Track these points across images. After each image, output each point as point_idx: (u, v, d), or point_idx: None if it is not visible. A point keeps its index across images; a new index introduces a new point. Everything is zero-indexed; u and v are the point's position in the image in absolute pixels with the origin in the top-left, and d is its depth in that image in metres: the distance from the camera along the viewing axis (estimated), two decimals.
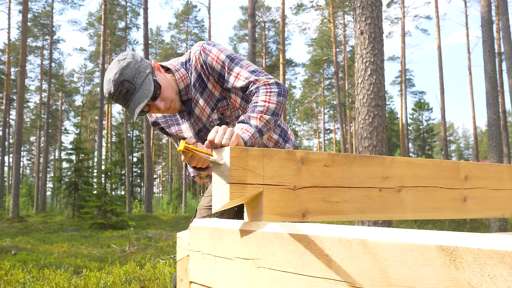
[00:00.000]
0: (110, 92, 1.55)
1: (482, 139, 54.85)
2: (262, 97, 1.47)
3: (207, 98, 1.70)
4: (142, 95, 1.53)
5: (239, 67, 1.60)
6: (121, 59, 1.58)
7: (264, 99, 1.47)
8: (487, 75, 12.08)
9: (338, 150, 37.43)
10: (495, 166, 1.77)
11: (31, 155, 49.11)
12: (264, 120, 1.42)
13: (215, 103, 1.71)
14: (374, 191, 1.40)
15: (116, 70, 1.54)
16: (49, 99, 30.38)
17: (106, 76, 1.57)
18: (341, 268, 0.85)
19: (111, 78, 1.54)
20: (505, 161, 15.81)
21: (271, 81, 1.54)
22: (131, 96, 1.54)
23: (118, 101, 1.57)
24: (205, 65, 1.65)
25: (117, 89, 1.53)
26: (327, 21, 29.91)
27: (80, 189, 15.44)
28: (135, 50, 34.43)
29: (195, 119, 1.75)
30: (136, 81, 1.54)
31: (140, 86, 1.54)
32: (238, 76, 1.59)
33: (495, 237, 0.62)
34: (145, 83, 1.55)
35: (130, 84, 1.53)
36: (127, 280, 4.39)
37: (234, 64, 1.61)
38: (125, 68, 1.54)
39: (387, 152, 5.74)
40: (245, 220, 1.24)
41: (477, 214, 1.69)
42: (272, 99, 1.48)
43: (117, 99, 1.56)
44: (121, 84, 1.53)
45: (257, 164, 1.19)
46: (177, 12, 35.09)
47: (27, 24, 17.96)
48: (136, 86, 1.54)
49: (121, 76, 1.53)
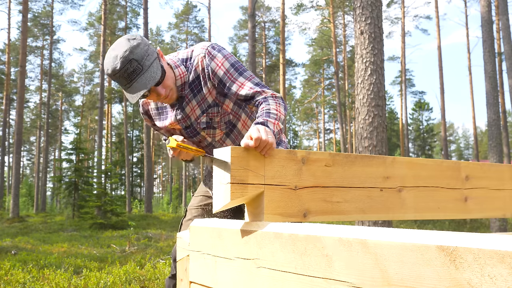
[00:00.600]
0: (115, 69, 1.52)
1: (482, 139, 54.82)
2: (274, 106, 1.51)
3: (200, 100, 1.73)
4: (149, 77, 1.54)
5: (243, 78, 1.64)
6: (131, 38, 1.57)
7: (276, 108, 1.50)
8: (487, 75, 12.08)
9: (338, 150, 37.42)
10: (496, 166, 1.77)
11: (31, 155, 49.10)
12: (279, 128, 1.45)
13: (206, 107, 1.73)
14: (375, 191, 1.40)
15: (127, 48, 1.52)
16: (49, 99, 30.38)
17: (112, 52, 1.54)
18: (341, 268, 0.85)
19: (119, 55, 1.52)
20: (505, 161, 15.81)
21: (278, 95, 1.59)
22: (137, 76, 1.53)
23: (121, 79, 1.54)
24: (207, 69, 1.66)
25: (123, 66, 1.51)
26: (327, 21, 29.90)
27: (80, 189, 15.44)
28: None
29: (185, 116, 1.77)
30: (144, 63, 1.54)
31: (147, 68, 1.54)
32: (241, 86, 1.62)
33: (495, 237, 0.62)
34: (152, 66, 1.56)
35: (138, 64, 1.53)
36: (127, 280, 4.39)
37: (238, 74, 1.64)
38: (136, 48, 1.53)
39: (387, 152, 5.74)
40: (246, 220, 1.24)
41: (478, 214, 1.69)
42: (281, 111, 1.52)
43: (120, 76, 1.53)
44: (129, 63, 1.52)
45: (258, 164, 1.19)
46: (177, 12, 35.10)
47: (27, 24, 17.96)
48: (143, 67, 1.54)
49: (130, 55, 1.52)
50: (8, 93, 26.63)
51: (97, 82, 36.93)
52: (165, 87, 1.62)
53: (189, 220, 1.88)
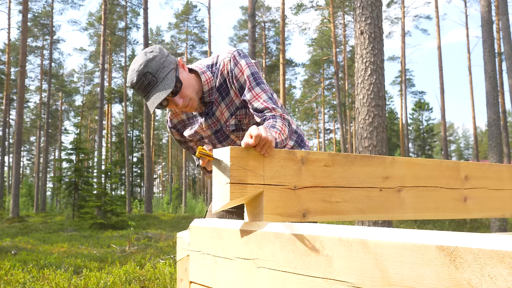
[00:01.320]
0: (133, 82, 1.60)
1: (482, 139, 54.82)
2: (280, 124, 1.58)
3: (228, 103, 1.77)
4: (163, 88, 1.58)
5: (259, 88, 1.70)
6: (148, 52, 1.64)
7: (281, 126, 1.57)
8: (487, 75, 12.08)
9: (338, 150, 37.43)
10: (495, 166, 1.77)
11: (31, 155, 49.09)
12: (281, 138, 1.51)
13: (234, 110, 1.78)
14: (374, 191, 1.40)
15: (142, 61, 1.59)
16: (49, 99, 30.37)
17: (132, 66, 1.63)
18: (341, 268, 0.85)
19: (135, 68, 1.60)
20: (505, 161, 15.81)
21: (287, 117, 1.67)
22: (152, 88, 1.60)
23: (139, 91, 1.62)
24: (231, 73, 1.72)
25: (139, 79, 1.59)
26: (327, 21, 29.90)
27: (80, 189, 15.44)
28: (135, 50, 34.45)
29: (215, 120, 1.80)
30: (159, 75, 1.59)
31: (162, 80, 1.59)
32: (256, 97, 1.68)
33: (495, 237, 0.62)
34: (167, 78, 1.60)
35: (152, 77, 1.59)
36: (127, 280, 4.39)
37: (256, 84, 1.70)
38: (151, 61, 1.60)
39: (387, 152, 5.74)
40: (246, 220, 1.24)
41: (478, 214, 1.69)
42: (286, 131, 1.59)
43: (138, 89, 1.61)
44: (144, 76, 1.59)
45: (258, 164, 1.19)
46: (177, 12, 35.11)
47: (27, 24, 17.96)
48: (158, 79, 1.59)
49: (145, 68, 1.58)
50: (8, 93, 26.63)
51: (97, 82, 36.94)
52: (183, 96, 1.66)
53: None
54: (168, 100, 1.64)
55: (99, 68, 27.96)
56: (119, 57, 34.92)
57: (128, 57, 32.50)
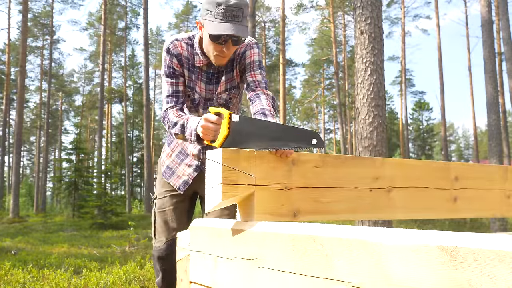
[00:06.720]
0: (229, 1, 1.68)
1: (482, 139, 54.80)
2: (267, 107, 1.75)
3: (229, 78, 1.96)
4: (242, 31, 1.70)
5: (258, 72, 1.92)
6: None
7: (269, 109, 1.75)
8: (487, 75, 12.08)
9: (338, 150, 37.44)
10: (486, 167, 1.79)
11: (31, 155, 49.07)
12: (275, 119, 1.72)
13: (231, 86, 1.97)
14: (364, 192, 1.43)
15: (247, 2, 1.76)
16: (49, 99, 30.37)
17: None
18: (341, 268, 0.85)
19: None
20: (505, 161, 15.81)
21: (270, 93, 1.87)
22: (234, 19, 1.69)
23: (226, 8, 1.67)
24: (241, 54, 1.92)
25: (236, 5, 1.68)
26: (327, 21, 29.90)
27: (80, 189, 15.44)
28: (135, 50, 34.47)
29: (213, 88, 1.94)
30: (244, 20, 1.73)
31: (243, 25, 1.73)
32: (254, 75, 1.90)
33: (495, 237, 0.62)
34: (247, 27, 1.76)
35: (242, 15, 1.71)
36: (127, 280, 4.39)
37: (258, 68, 1.92)
38: (247, 6, 1.75)
39: (387, 152, 5.74)
40: (237, 219, 1.26)
41: (468, 213, 1.72)
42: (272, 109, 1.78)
43: (227, 6, 1.67)
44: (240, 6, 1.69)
45: (249, 165, 1.22)
46: (177, 12, 35.11)
47: (27, 24, 17.96)
48: (242, 21, 1.72)
49: (244, 4, 1.72)
50: (8, 93, 26.63)
51: (97, 82, 36.89)
52: (233, 51, 1.80)
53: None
54: (229, 43, 1.73)
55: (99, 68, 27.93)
56: (119, 57, 34.92)
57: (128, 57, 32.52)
